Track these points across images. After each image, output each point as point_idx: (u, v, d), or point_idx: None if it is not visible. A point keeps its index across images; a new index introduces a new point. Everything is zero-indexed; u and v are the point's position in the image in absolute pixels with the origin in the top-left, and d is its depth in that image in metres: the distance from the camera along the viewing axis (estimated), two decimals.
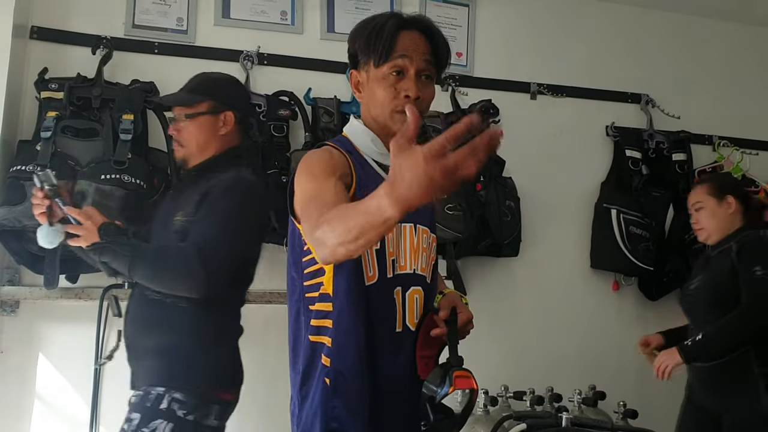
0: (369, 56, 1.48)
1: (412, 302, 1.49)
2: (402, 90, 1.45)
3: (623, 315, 3.17)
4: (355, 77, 1.54)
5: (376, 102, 1.48)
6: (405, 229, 1.49)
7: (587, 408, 2.66)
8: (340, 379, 1.42)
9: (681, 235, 3.13)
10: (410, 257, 1.50)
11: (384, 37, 1.46)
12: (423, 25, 1.51)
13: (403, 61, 1.45)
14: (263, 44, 2.81)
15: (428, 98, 1.50)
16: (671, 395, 3.11)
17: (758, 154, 3.34)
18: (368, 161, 1.52)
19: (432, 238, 1.58)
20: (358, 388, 1.42)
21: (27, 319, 2.51)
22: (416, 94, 1.44)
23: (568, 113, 3.19)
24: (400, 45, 1.46)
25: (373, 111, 1.50)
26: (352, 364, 1.43)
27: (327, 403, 1.42)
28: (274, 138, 2.65)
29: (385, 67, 1.46)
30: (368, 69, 1.50)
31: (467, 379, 1.39)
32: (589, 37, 3.26)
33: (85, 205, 2.19)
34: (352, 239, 1.18)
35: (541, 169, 3.10)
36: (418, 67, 1.46)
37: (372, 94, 1.49)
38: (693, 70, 3.39)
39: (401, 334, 1.47)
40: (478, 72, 3.09)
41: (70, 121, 2.40)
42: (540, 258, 3.06)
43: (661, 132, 3.22)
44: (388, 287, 1.46)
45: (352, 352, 1.43)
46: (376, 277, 1.44)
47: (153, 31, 2.74)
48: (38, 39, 2.60)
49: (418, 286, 1.51)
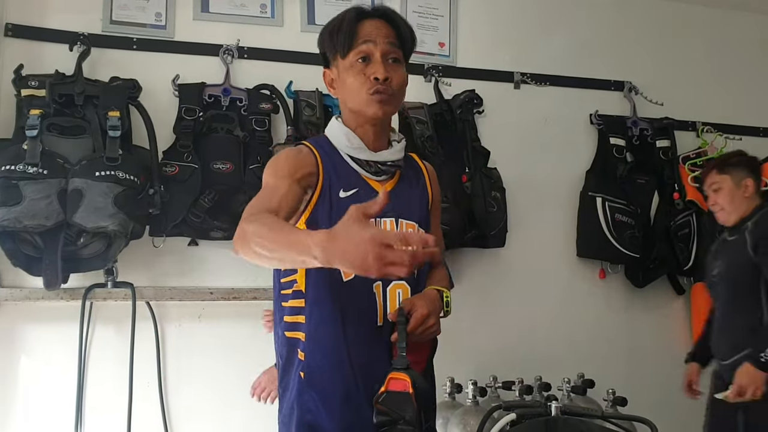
0: (335, 50, 1.53)
1: (394, 297, 1.50)
2: (370, 73, 1.48)
3: (610, 303, 3.18)
4: (328, 75, 1.58)
5: (349, 91, 1.51)
6: (385, 224, 1.51)
7: (576, 396, 2.66)
8: (314, 372, 1.46)
9: (666, 222, 3.13)
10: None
11: (344, 28, 1.50)
12: (382, 12, 1.54)
13: (367, 46, 1.49)
14: (243, 38, 2.78)
15: (398, 79, 1.52)
16: (659, 382, 3.14)
17: (741, 139, 3.35)
18: (344, 157, 1.55)
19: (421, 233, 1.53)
20: (331, 381, 1.45)
21: (8, 321, 2.47)
22: (384, 75, 1.47)
23: (551, 102, 3.18)
24: (362, 32, 1.50)
25: (348, 103, 1.53)
26: (325, 358, 1.46)
27: (302, 396, 1.46)
28: (255, 132, 2.63)
29: (351, 55, 1.49)
30: (337, 63, 1.54)
31: (400, 381, 1.37)
32: (571, 26, 3.26)
33: (84, 202, 2.17)
34: (269, 255, 1.27)
35: (526, 159, 3.09)
36: (383, 50, 1.49)
37: (344, 86, 1.52)
38: (675, 56, 3.39)
39: (382, 328, 1.48)
40: (461, 62, 3.08)
41: (55, 119, 2.36)
42: (526, 248, 3.05)
43: (644, 119, 3.23)
44: (366, 283, 1.45)
45: (324, 346, 1.46)
46: (352, 273, 1.40)
47: (131, 26, 2.70)
48: (13, 36, 2.56)
49: (401, 281, 1.50)
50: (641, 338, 3.18)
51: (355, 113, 1.53)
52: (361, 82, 1.48)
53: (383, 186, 1.54)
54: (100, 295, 2.45)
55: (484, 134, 2.99)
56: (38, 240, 2.28)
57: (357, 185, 1.53)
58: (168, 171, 2.50)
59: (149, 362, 2.55)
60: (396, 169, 1.59)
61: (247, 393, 2.29)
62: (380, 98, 1.48)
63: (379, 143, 1.57)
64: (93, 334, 2.52)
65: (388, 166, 1.57)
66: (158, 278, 2.58)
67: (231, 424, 2.63)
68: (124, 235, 2.31)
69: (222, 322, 2.65)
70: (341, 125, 1.57)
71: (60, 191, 2.25)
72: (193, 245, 2.64)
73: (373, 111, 1.49)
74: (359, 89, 1.49)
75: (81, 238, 2.32)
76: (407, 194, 1.59)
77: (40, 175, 2.24)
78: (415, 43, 1.58)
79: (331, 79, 1.57)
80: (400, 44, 1.53)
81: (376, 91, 1.48)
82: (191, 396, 2.61)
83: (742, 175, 2.58)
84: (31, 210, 2.20)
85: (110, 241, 2.34)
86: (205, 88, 2.64)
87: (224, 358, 2.65)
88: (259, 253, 1.30)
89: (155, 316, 2.57)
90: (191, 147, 2.54)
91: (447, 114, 2.89)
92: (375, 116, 1.50)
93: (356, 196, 1.50)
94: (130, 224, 2.30)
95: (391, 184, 1.57)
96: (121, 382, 2.47)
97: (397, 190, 1.56)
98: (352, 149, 1.54)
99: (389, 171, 1.57)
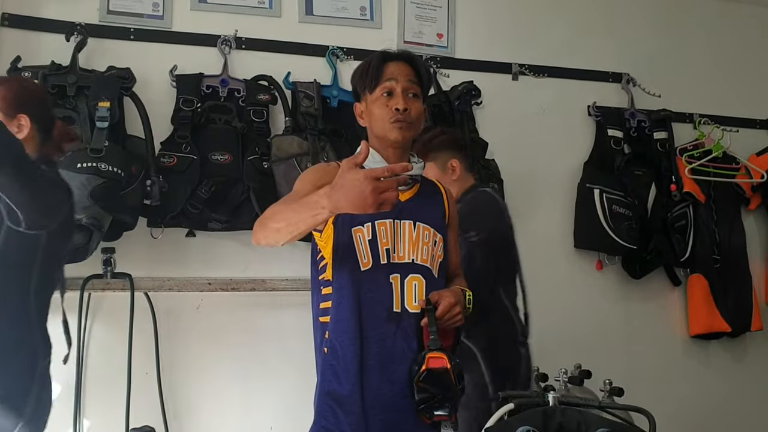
0: (364, 87, 1.79)
1: (410, 288, 1.70)
2: (392, 105, 1.73)
3: (607, 294, 3.19)
4: (359, 108, 1.83)
5: (375, 120, 1.76)
6: (404, 225, 1.74)
7: (573, 387, 2.67)
8: (335, 346, 1.68)
9: (663, 214, 3.15)
10: (408, 248, 1.72)
11: (372, 69, 1.78)
12: (404, 56, 1.82)
13: (391, 83, 1.75)
14: (241, 28, 2.77)
15: (416, 111, 1.76)
16: (656, 372, 3.16)
17: (738, 131, 3.35)
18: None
19: (439, 238, 1.78)
20: (347, 354, 1.66)
21: None
22: (404, 106, 1.72)
23: (549, 93, 3.18)
24: (387, 72, 1.77)
25: (374, 129, 1.78)
26: (344, 333, 1.67)
27: (325, 368, 1.70)
28: (254, 123, 2.63)
29: (377, 91, 1.76)
30: (366, 98, 1.80)
31: (438, 359, 1.57)
32: (569, 17, 3.25)
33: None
34: (285, 223, 1.55)
35: (524, 151, 3.09)
36: (404, 86, 1.76)
37: (371, 115, 1.78)
38: (673, 48, 3.39)
39: (399, 314, 1.68)
40: (459, 53, 3.07)
41: None
42: (524, 239, 3.01)
43: (642, 111, 3.23)
44: (383, 273, 1.68)
45: (343, 326, 1.67)
46: (370, 263, 1.68)
47: (128, 16, 2.69)
48: (9, 26, 2.54)
49: (418, 274, 1.71)
50: (638, 329, 3.20)
51: (380, 138, 1.76)
52: (385, 112, 1.74)
53: (402, 194, 1.75)
54: (98, 285, 2.44)
55: (482, 125, 2.99)
56: None
57: None
58: (166, 162, 2.50)
59: (147, 352, 2.55)
60: (414, 182, 1.81)
61: (244, 382, 2.29)
62: (400, 126, 1.73)
63: (400, 162, 1.76)
64: (91, 325, 2.52)
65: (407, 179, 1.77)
66: (156, 269, 2.58)
67: (228, 414, 2.64)
68: (99, 229, 2.28)
69: (220, 313, 2.66)
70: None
71: None
72: (191, 236, 2.63)
73: (394, 136, 1.73)
74: (383, 118, 1.74)
75: None
76: (425, 204, 1.81)
77: None
78: (431, 80, 1.90)
79: (361, 111, 1.82)
80: (418, 82, 1.79)
81: (397, 120, 1.72)
82: (190, 386, 2.61)
83: (447, 157, 2.35)
84: None
85: (91, 234, 2.31)
86: (203, 78, 2.63)
87: (222, 348, 2.66)
88: (277, 228, 1.58)
89: (153, 307, 2.57)
90: (189, 138, 2.54)
91: (445, 105, 2.90)
92: (396, 140, 1.74)
93: None
94: (106, 218, 2.28)
95: (410, 194, 1.79)
96: (119, 373, 2.47)
97: (415, 199, 1.79)
98: (375, 163, 1.70)
99: (408, 183, 1.78)
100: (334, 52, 2.86)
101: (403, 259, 1.71)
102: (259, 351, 2.65)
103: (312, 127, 2.65)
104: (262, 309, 2.67)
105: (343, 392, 1.66)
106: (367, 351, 1.66)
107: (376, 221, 1.70)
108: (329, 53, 2.85)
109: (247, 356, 2.66)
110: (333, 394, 1.67)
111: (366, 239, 1.69)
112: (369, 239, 1.69)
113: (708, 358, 3.29)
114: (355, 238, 1.69)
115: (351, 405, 1.65)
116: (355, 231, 1.69)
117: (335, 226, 1.69)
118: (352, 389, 1.65)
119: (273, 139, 2.61)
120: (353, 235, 1.69)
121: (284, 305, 2.69)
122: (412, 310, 1.69)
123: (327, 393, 1.68)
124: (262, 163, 2.56)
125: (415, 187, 1.82)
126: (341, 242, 1.68)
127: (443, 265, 1.80)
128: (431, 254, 1.76)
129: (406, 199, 1.78)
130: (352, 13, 2.94)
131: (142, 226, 2.51)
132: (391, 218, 1.71)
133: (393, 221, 1.72)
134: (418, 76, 1.80)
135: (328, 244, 1.71)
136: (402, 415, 1.66)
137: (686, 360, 3.26)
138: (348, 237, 1.68)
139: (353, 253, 1.68)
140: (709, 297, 3.17)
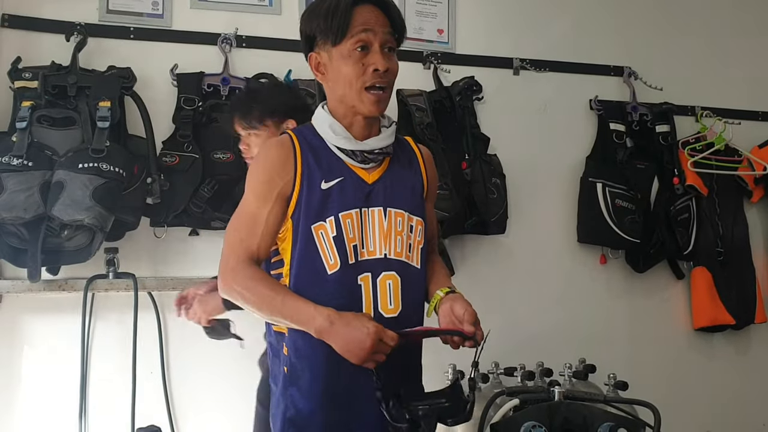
0: (327, 35, 1.46)
1: (384, 288, 1.48)
2: (369, 64, 1.44)
3: (611, 288, 3.18)
4: (315, 59, 1.51)
5: (343, 80, 1.46)
6: (373, 213, 1.49)
7: (578, 381, 2.67)
8: (295, 367, 1.48)
9: (666, 207, 3.14)
10: (379, 242, 1.49)
11: (341, 13, 1.44)
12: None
13: (367, 35, 1.44)
14: (241, 26, 2.76)
15: (395, 70, 1.50)
16: (660, 366, 3.16)
17: (740, 123, 3.34)
18: (331, 147, 1.52)
19: (416, 222, 1.53)
20: (311, 377, 1.47)
21: (11, 313, 2.48)
22: (385, 67, 1.45)
23: (551, 88, 3.17)
24: (359, 19, 1.45)
25: (339, 91, 1.49)
26: (304, 351, 1.47)
27: (286, 391, 1.49)
28: None
29: (349, 43, 1.44)
30: (328, 48, 1.48)
31: None
32: (570, 11, 3.24)
33: (64, 195, 2.16)
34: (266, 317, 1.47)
35: (526, 145, 3.09)
36: (382, 40, 1.46)
37: (337, 73, 1.47)
38: (674, 41, 3.37)
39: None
40: (460, 49, 3.06)
41: (46, 111, 2.35)
42: (527, 234, 3.06)
43: (644, 104, 3.22)
44: (352, 274, 1.47)
45: (304, 340, 1.46)
46: (338, 265, 1.45)
47: (128, 15, 2.68)
48: (9, 27, 2.54)
49: (392, 271, 1.49)
50: (642, 323, 3.19)
51: (345, 104, 1.49)
52: (360, 72, 1.44)
53: (370, 174, 1.52)
54: (102, 286, 2.45)
55: (483, 121, 2.98)
56: (24, 232, 2.27)
57: (341, 174, 1.50)
58: (168, 161, 2.50)
59: (152, 352, 2.56)
60: (385, 155, 1.54)
61: (249, 381, 2.30)
62: (377, 97, 1.46)
63: (368, 131, 1.53)
64: (95, 325, 2.52)
65: (376, 154, 1.52)
66: (160, 268, 2.58)
67: (234, 412, 2.63)
68: (101, 229, 2.28)
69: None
70: (327, 115, 1.53)
71: (43, 183, 2.24)
72: (194, 235, 2.63)
73: (368, 109, 1.47)
74: (356, 80, 1.45)
75: (65, 230, 2.31)
76: (398, 182, 1.55)
77: (24, 167, 2.23)
78: (405, 32, 1.56)
79: (318, 62, 1.51)
80: (395, 33, 1.50)
81: (374, 85, 1.45)
82: (194, 384, 2.61)
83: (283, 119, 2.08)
84: (10, 202, 2.19)
85: (94, 234, 2.32)
86: (203, 77, 2.63)
87: (226, 347, 2.64)
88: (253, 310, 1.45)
89: (157, 306, 2.57)
90: (191, 137, 2.54)
91: (446, 101, 2.89)
92: (370, 114, 1.48)
93: (341, 184, 1.49)
94: (108, 218, 2.28)
95: (380, 171, 1.54)
96: (124, 372, 2.48)
97: (385, 177, 1.53)
98: (337, 139, 1.50)
99: (377, 159, 1.53)
100: None
101: (374, 255, 1.48)
102: (263, 349, 2.65)
103: None
104: None
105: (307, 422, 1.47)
106: (335, 371, 1.44)
107: (340, 213, 1.46)
108: (307, 54, 2.84)
109: (251, 355, 2.65)
110: (295, 422, 1.47)
111: (330, 236, 1.45)
112: (334, 236, 1.46)
113: (712, 351, 3.29)
114: (317, 237, 1.45)
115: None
116: (316, 228, 1.46)
117: (293, 222, 1.48)
118: (321, 417, 1.46)
119: None
120: (314, 234, 1.45)
121: None
122: (387, 314, 1.47)
123: (289, 420, 1.48)
124: None
125: (386, 160, 1.55)
126: (302, 244, 1.46)
127: (425, 251, 1.55)
128: (406, 244, 1.51)
129: (374, 180, 1.52)
130: None
131: (145, 226, 2.51)
132: (358, 207, 1.48)
133: (360, 210, 1.47)
134: (394, 26, 1.50)
135: (286, 241, 1.50)
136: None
137: (690, 353, 3.25)
138: (308, 237, 1.46)
139: (317, 255, 1.46)
140: (712, 290, 3.17)
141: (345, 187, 1.48)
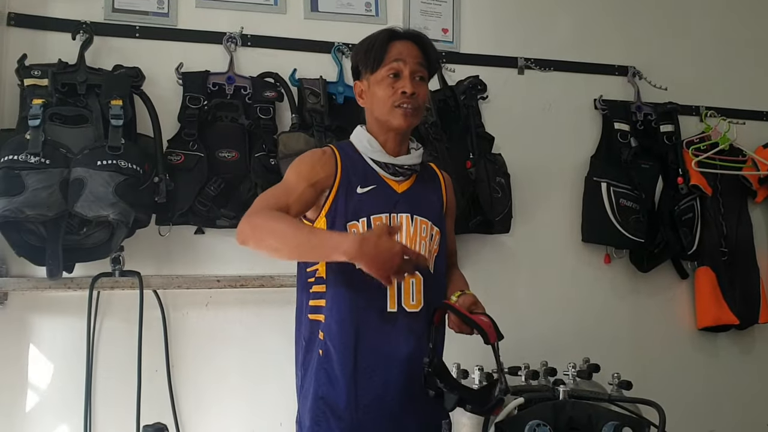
0: (367, 65, 1.71)
1: (407, 286, 1.67)
2: (399, 88, 1.66)
3: (615, 287, 3.18)
4: (358, 87, 1.77)
5: (377, 101, 1.69)
6: (401, 218, 1.69)
7: (582, 381, 2.67)
8: (329, 350, 1.64)
9: (670, 207, 3.14)
10: (406, 244, 1.63)
11: (378, 47, 1.69)
12: (413, 35, 1.74)
13: (398, 64, 1.67)
14: (246, 25, 2.77)
15: (422, 95, 1.70)
16: (664, 366, 3.16)
17: (745, 123, 3.34)
18: (365, 159, 1.75)
19: (435, 231, 1.74)
20: (341, 359, 1.63)
21: (16, 311, 2.48)
22: (412, 90, 1.66)
23: (556, 87, 3.17)
24: (393, 52, 1.68)
25: (375, 111, 1.71)
26: (338, 337, 1.63)
27: (318, 372, 1.65)
28: (260, 120, 2.63)
29: (383, 71, 1.68)
30: (368, 77, 1.72)
31: None
32: (575, 11, 3.24)
33: (86, 191, 2.17)
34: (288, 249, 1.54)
35: (531, 145, 3.09)
36: (412, 68, 1.68)
37: (373, 96, 1.71)
38: (679, 41, 3.37)
39: (395, 314, 1.66)
40: (464, 48, 3.06)
41: (58, 108, 2.35)
42: (531, 234, 3.06)
43: (648, 104, 3.22)
44: None
45: (338, 327, 1.63)
46: (368, 272, 1.57)
47: (134, 14, 2.68)
48: (16, 26, 2.55)
49: (416, 271, 1.65)
50: (646, 322, 3.19)
51: (380, 122, 1.71)
52: (389, 94, 1.67)
53: (399, 185, 1.73)
54: (107, 284, 2.45)
55: (488, 120, 2.98)
56: (42, 230, 2.29)
57: (375, 183, 1.72)
58: (173, 160, 2.50)
59: (157, 350, 2.56)
60: (413, 172, 1.76)
61: (255, 378, 2.30)
62: (405, 112, 1.66)
63: (399, 149, 1.76)
64: (101, 323, 2.53)
65: (405, 169, 1.75)
66: (165, 267, 2.59)
67: (239, 410, 2.65)
68: (125, 225, 2.29)
69: (229, 310, 2.67)
70: (364, 132, 1.76)
71: (62, 181, 2.25)
72: (200, 233, 2.64)
73: (397, 123, 1.67)
74: (387, 100, 1.67)
75: (84, 227, 2.33)
76: (422, 195, 1.77)
77: (42, 164, 2.23)
78: (440, 64, 1.80)
79: (361, 90, 1.75)
80: (426, 65, 1.72)
81: (402, 103, 1.66)
82: (199, 383, 2.62)
83: None
84: (33, 200, 2.20)
85: (113, 230, 2.34)
86: (209, 76, 2.63)
87: (231, 345, 2.66)
88: (276, 248, 1.54)
89: (162, 305, 2.58)
90: (196, 135, 2.54)
91: (451, 100, 2.89)
92: (399, 127, 1.69)
93: (374, 191, 1.71)
94: (131, 213, 2.29)
95: (407, 184, 1.75)
96: (129, 370, 2.48)
97: (412, 189, 1.75)
98: (372, 152, 1.71)
99: (406, 173, 1.74)
100: (340, 48, 2.85)
101: None
102: (269, 347, 2.65)
103: (318, 124, 2.65)
104: (271, 305, 2.67)
105: (336, 398, 1.63)
106: (363, 354, 1.63)
107: (372, 216, 1.66)
108: (335, 50, 2.85)
109: (256, 352, 2.67)
110: (326, 399, 1.63)
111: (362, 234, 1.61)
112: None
113: (716, 351, 3.29)
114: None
115: (344, 411, 1.62)
116: (350, 226, 1.65)
117: (328, 219, 1.65)
118: (347, 394, 1.62)
119: (280, 136, 2.60)
120: (348, 231, 1.64)
121: (292, 302, 2.63)
122: (410, 309, 1.66)
123: (320, 398, 1.64)
124: (269, 160, 2.55)
125: (413, 176, 1.77)
126: None
127: (439, 259, 1.76)
128: (428, 249, 1.71)
129: (403, 190, 1.73)
130: (357, 8, 2.94)
131: (150, 224, 2.51)
132: (387, 212, 1.68)
133: (389, 215, 1.68)
134: (427, 59, 1.72)
135: None
136: (395, 422, 1.64)
137: (694, 353, 3.25)
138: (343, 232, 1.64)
139: None
140: (716, 290, 3.17)
141: (377, 194, 1.70)
